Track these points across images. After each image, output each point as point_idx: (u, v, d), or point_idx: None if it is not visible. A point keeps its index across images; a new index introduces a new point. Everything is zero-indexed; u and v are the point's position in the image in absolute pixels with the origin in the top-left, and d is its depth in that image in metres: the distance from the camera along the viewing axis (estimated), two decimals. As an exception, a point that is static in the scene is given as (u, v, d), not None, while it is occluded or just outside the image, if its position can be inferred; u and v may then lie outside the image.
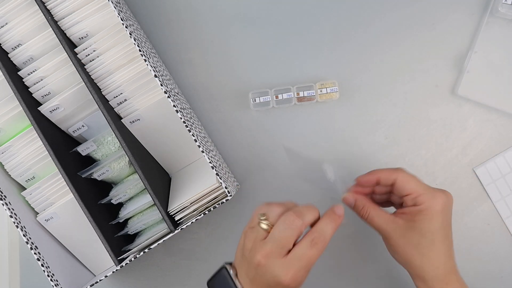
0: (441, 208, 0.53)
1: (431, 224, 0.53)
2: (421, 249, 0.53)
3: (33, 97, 0.61)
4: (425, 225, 0.53)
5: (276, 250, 0.49)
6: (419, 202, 0.53)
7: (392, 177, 0.55)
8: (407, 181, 0.54)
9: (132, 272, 0.71)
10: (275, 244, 0.49)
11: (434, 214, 0.53)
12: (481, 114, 0.68)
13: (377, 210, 0.56)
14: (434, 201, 0.53)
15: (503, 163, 0.67)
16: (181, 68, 0.71)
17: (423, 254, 0.53)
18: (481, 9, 0.68)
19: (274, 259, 0.49)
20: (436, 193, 0.54)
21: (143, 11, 0.72)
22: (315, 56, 0.70)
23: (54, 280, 0.59)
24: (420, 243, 0.53)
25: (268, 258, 0.49)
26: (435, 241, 0.53)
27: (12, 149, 0.62)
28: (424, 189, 0.54)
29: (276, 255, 0.49)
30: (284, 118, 0.70)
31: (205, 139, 0.64)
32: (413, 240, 0.53)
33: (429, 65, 0.69)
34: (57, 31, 0.59)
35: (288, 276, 0.49)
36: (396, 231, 0.54)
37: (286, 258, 0.49)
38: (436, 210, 0.53)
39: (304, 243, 0.50)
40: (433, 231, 0.53)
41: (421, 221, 0.53)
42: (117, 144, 0.63)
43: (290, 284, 0.49)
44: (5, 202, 0.59)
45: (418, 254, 0.53)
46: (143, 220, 0.63)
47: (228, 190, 0.57)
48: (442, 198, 0.53)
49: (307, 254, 0.49)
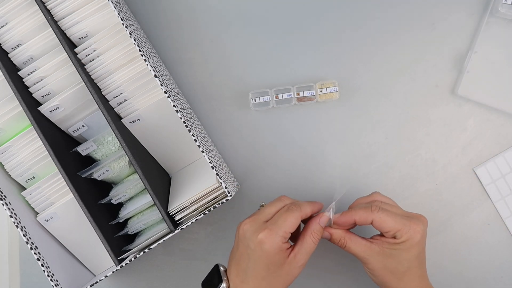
0: (419, 239, 0.55)
1: (409, 254, 0.55)
2: (397, 275, 0.56)
3: (33, 97, 0.61)
4: (403, 255, 0.55)
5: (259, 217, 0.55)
6: (398, 236, 0.55)
7: (368, 220, 0.56)
8: (383, 221, 0.55)
9: (132, 272, 0.71)
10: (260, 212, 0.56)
11: (413, 245, 0.55)
12: (481, 114, 0.68)
13: (353, 239, 0.57)
14: (413, 233, 0.55)
15: (503, 163, 0.67)
16: (181, 68, 0.71)
17: (399, 278, 0.56)
18: (481, 9, 0.68)
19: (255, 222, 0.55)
20: (413, 225, 0.55)
21: (143, 11, 0.72)
22: (315, 56, 0.70)
23: (54, 280, 0.59)
24: (397, 269, 0.56)
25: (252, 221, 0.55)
26: (411, 267, 0.56)
27: (12, 149, 0.62)
28: (401, 224, 0.55)
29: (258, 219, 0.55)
30: (284, 118, 0.70)
31: (205, 139, 0.64)
32: (390, 266, 0.56)
33: (429, 65, 0.69)
34: (57, 31, 0.59)
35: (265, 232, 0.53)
36: (374, 257, 0.56)
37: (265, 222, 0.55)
38: (414, 242, 0.55)
39: (281, 210, 0.55)
40: (410, 259, 0.55)
41: (399, 251, 0.55)
42: (117, 144, 0.63)
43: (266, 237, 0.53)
44: (5, 202, 0.59)
45: (394, 278, 0.56)
46: (143, 220, 0.63)
47: (228, 190, 0.57)
48: (419, 228, 0.55)
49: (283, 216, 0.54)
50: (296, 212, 0.55)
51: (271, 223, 0.54)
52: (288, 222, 0.54)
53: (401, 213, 0.56)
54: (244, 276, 0.54)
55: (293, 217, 0.54)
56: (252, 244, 0.53)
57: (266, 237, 0.53)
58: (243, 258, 0.55)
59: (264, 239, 0.53)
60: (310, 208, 0.56)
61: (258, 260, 0.54)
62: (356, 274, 0.69)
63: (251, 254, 0.54)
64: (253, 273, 0.54)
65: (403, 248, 0.55)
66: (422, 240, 0.55)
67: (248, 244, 0.54)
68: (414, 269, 0.56)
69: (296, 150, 0.69)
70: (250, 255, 0.54)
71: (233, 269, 0.56)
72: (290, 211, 0.54)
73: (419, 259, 0.56)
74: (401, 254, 0.55)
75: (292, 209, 0.55)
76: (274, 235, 0.53)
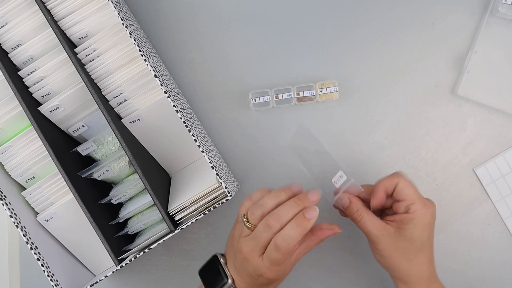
0: (431, 218, 0.56)
1: (422, 233, 0.55)
2: (409, 255, 0.56)
3: (33, 97, 0.61)
4: (415, 234, 0.55)
5: (256, 248, 0.53)
6: (411, 210, 0.55)
7: (394, 181, 0.56)
8: (407, 186, 0.56)
9: (132, 272, 0.71)
10: (256, 243, 0.53)
11: (426, 224, 0.55)
12: (481, 114, 0.68)
13: (370, 215, 0.57)
14: (426, 211, 0.55)
15: (503, 163, 0.67)
16: (181, 68, 0.71)
17: (410, 260, 0.56)
18: (481, 9, 0.68)
19: (255, 256, 0.53)
20: (427, 204, 0.56)
21: (143, 11, 0.72)
22: (315, 56, 0.70)
23: (54, 280, 0.59)
24: (409, 250, 0.55)
25: (250, 254, 0.54)
26: (423, 248, 0.56)
27: (12, 149, 0.62)
28: (418, 198, 0.56)
29: (256, 252, 0.53)
30: (284, 118, 0.70)
31: (205, 139, 0.64)
32: (402, 246, 0.55)
33: (429, 65, 0.69)
34: (57, 31, 0.59)
35: (266, 270, 0.53)
36: (386, 237, 0.56)
37: (261, 256, 0.54)
38: (427, 220, 0.55)
39: (270, 247, 0.53)
40: (423, 239, 0.55)
41: (412, 229, 0.55)
42: (117, 144, 0.63)
43: (267, 274, 0.54)
44: (5, 202, 0.59)
45: (405, 259, 0.56)
46: (143, 220, 0.63)
47: (228, 190, 0.57)
48: (432, 209, 0.56)
49: (274, 256, 0.53)
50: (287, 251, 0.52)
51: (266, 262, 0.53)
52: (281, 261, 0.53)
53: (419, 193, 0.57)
54: (248, 284, 0.56)
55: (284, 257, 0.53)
56: (254, 275, 0.54)
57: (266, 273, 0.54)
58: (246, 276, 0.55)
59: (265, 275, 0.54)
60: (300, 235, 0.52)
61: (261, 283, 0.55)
62: (356, 274, 0.69)
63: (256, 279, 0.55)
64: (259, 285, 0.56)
65: (416, 226, 0.55)
66: (433, 221, 0.56)
67: (251, 274, 0.54)
68: (426, 251, 0.56)
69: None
70: (255, 279, 0.55)
71: (236, 274, 0.56)
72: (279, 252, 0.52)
73: (430, 241, 0.56)
74: (414, 233, 0.55)
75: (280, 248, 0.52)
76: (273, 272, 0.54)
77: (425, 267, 0.56)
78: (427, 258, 0.57)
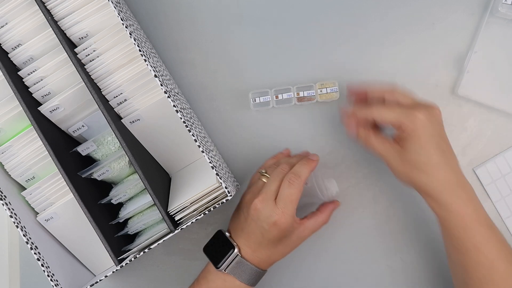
0: (420, 125, 0.54)
1: (422, 145, 0.54)
2: (421, 167, 0.55)
3: (33, 97, 0.61)
4: (416, 148, 0.55)
5: (269, 193, 0.57)
6: (401, 128, 0.55)
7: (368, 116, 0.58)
8: (382, 115, 0.57)
9: (132, 272, 0.71)
10: (269, 188, 0.58)
11: (419, 135, 0.54)
12: (481, 114, 0.68)
13: (378, 138, 0.58)
14: (414, 123, 0.54)
15: (503, 163, 0.67)
16: (181, 68, 0.71)
17: (424, 171, 0.55)
18: (481, 9, 0.68)
19: (267, 203, 0.56)
20: (414, 114, 0.54)
21: (143, 11, 0.72)
22: (315, 56, 0.70)
23: (54, 280, 0.59)
24: (418, 162, 0.55)
25: (264, 202, 0.57)
26: (431, 157, 0.54)
27: (12, 149, 0.62)
28: (402, 116, 0.55)
29: (269, 197, 0.57)
30: (284, 118, 0.70)
31: (205, 139, 0.64)
32: (410, 160, 0.55)
33: (429, 65, 0.69)
34: (57, 31, 0.59)
35: (279, 213, 0.56)
36: (395, 156, 0.56)
37: (274, 201, 0.57)
38: (419, 131, 0.54)
39: (283, 184, 0.57)
40: (426, 150, 0.54)
41: (411, 145, 0.55)
42: (117, 144, 0.63)
43: (280, 219, 0.56)
44: (5, 202, 0.59)
45: (419, 172, 0.55)
46: (143, 220, 0.63)
47: (228, 190, 0.57)
48: (421, 116, 0.54)
49: (287, 192, 0.56)
50: (299, 184, 0.57)
51: (281, 204, 0.56)
52: (294, 198, 0.56)
53: (408, 103, 0.57)
54: (256, 247, 0.58)
55: (298, 190, 0.57)
56: (266, 225, 0.56)
57: (280, 219, 0.56)
58: (255, 234, 0.58)
59: (278, 221, 0.56)
60: (308, 170, 0.59)
61: (272, 237, 0.57)
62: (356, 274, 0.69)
63: (265, 233, 0.57)
64: (267, 246, 0.58)
65: (412, 141, 0.55)
66: (427, 128, 0.54)
67: (262, 225, 0.57)
68: (436, 159, 0.54)
69: (296, 150, 0.69)
70: (264, 234, 0.57)
71: (243, 239, 0.59)
72: (293, 186, 0.57)
73: (436, 148, 0.55)
74: (415, 147, 0.54)
75: (293, 182, 0.57)
76: (286, 215, 0.56)
77: (443, 177, 0.55)
78: (444, 166, 0.55)
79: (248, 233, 0.58)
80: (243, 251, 0.58)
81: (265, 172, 0.61)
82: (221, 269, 0.58)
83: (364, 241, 0.69)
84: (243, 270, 0.58)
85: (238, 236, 0.59)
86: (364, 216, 0.69)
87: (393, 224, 0.68)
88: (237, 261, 0.58)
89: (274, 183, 0.58)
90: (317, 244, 0.69)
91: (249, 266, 0.58)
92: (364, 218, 0.69)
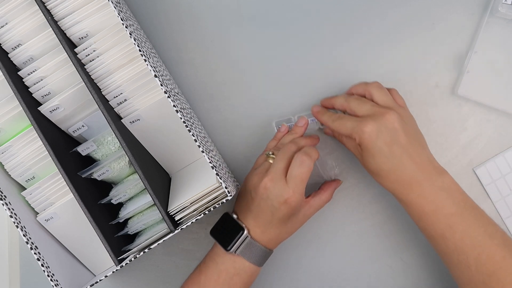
0: (369, 142, 0.56)
1: (371, 156, 0.56)
2: (375, 172, 0.58)
3: (33, 97, 0.61)
4: (367, 157, 0.57)
5: (278, 172, 0.57)
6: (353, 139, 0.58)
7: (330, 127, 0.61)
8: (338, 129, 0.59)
9: (132, 272, 0.71)
10: (278, 167, 0.58)
11: (368, 148, 0.56)
12: (481, 114, 0.68)
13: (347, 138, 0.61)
14: (361, 138, 0.56)
15: (503, 163, 0.67)
16: (181, 68, 0.71)
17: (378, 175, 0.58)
18: (481, 9, 0.68)
19: (277, 182, 0.57)
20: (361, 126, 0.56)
21: (143, 11, 0.72)
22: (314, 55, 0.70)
23: (54, 280, 0.59)
24: (370, 169, 0.58)
25: (273, 180, 0.57)
26: (382, 165, 0.56)
27: (12, 149, 0.62)
28: (351, 128, 0.57)
29: (278, 176, 0.57)
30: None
31: (205, 139, 0.64)
32: (365, 166, 0.59)
33: (429, 65, 0.69)
34: (57, 31, 0.59)
35: (290, 192, 0.56)
36: (360, 154, 0.59)
37: (285, 179, 0.57)
38: (366, 146, 0.56)
39: (294, 163, 0.57)
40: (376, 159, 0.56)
41: (363, 153, 0.57)
42: (117, 144, 0.63)
43: (291, 198, 0.56)
44: (5, 202, 0.59)
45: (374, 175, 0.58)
46: (143, 220, 0.63)
47: (228, 190, 0.57)
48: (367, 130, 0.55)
49: (298, 171, 0.57)
50: (309, 164, 0.57)
51: (291, 183, 0.56)
52: (305, 177, 0.57)
53: (364, 112, 0.57)
54: (265, 227, 0.59)
55: (308, 169, 0.57)
56: (277, 203, 0.57)
57: (290, 197, 0.56)
58: (264, 213, 0.58)
59: (289, 200, 0.56)
60: (317, 152, 0.59)
61: (282, 216, 0.58)
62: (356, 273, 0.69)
63: (275, 211, 0.57)
64: (276, 225, 0.58)
65: (364, 151, 0.57)
66: (374, 140, 0.55)
67: (272, 204, 0.57)
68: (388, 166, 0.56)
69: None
70: (274, 212, 0.57)
71: (251, 220, 0.59)
72: (304, 165, 0.57)
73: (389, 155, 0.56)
74: (366, 157, 0.57)
75: (304, 161, 0.57)
76: (297, 194, 0.57)
77: (397, 176, 0.56)
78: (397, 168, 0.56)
79: (257, 213, 0.58)
80: (252, 232, 0.59)
81: (272, 153, 0.61)
82: (231, 251, 0.58)
83: (364, 241, 0.69)
84: (252, 251, 0.58)
85: (246, 217, 0.59)
86: (364, 216, 0.69)
87: (393, 224, 0.68)
88: (247, 243, 0.58)
89: (282, 162, 0.58)
90: (317, 244, 0.69)
91: (259, 246, 0.59)
92: (364, 218, 0.69)
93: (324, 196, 0.62)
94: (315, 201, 0.62)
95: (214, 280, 0.59)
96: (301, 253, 0.69)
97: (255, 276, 0.61)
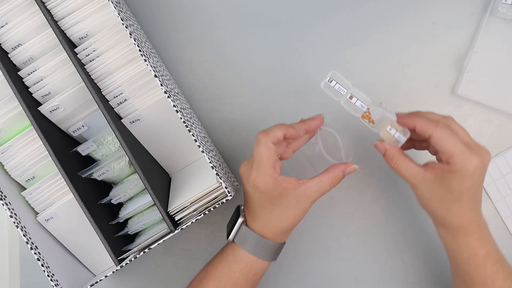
0: (472, 171, 0.52)
1: (461, 185, 0.53)
2: (447, 204, 0.54)
3: (33, 97, 0.61)
4: (454, 185, 0.53)
5: (249, 160, 0.56)
6: (451, 162, 0.52)
7: (428, 132, 0.53)
8: (442, 140, 0.53)
9: (132, 272, 0.71)
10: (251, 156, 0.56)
11: (465, 176, 0.52)
12: (481, 114, 0.68)
13: (406, 162, 0.55)
14: (468, 163, 0.52)
15: (503, 163, 0.67)
16: (181, 68, 0.71)
17: (448, 208, 0.54)
18: (481, 9, 0.68)
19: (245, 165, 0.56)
20: (471, 156, 0.52)
21: (143, 11, 0.72)
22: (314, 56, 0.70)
23: (54, 280, 0.59)
24: (446, 198, 0.54)
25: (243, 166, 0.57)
26: (461, 198, 0.53)
27: (12, 149, 0.62)
28: (460, 151, 0.52)
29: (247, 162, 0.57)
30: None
31: (205, 139, 0.64)
32: (439, 195, 0.54)
33: (429, 65, 0.69)
34: (57, 31, 0.59)
35: (253, 173, 0.55)
36: (423, 183, 0.54)
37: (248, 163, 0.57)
38: (467, 173, 0.52)
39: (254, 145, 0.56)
40: (462, 190, 0.53)
41: (450, 180, 0.52)
42: (117, 144, 0.63)
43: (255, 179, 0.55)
44: (5, 202, 0.59)
45: (443, 207, 0.54)
46: (143, 220, 0.63)
47: (228, 190, 0.57)
48: (475, 160, 0.52)
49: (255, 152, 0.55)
50: (265, 141, 0.54)
51: (254, 164, 0.55)
52: (263, 156, 0.54)
53: (466, 141, 0.54)
54: (254, 214, 0.58)
55: (264, 147, 0.54)
56: (248, 187, 0.56)
57: (255, 179, 0.55)
58: (248, 199, 0.58)
59: (255, 182, 0.55)
60: (280, 130, 0.55)
61: (260, 199, 0.56)
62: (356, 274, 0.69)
63: (252, 195, 0.57)
64: (261, 211, 0.57)
65: (455, 178, 0.52)
66: (477, 173, 0.52)
67: (247, 189, 0.57)
68: (465, 202, 0.53)
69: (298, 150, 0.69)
70: (251, 196, 0.57)
71: (246, 208, 0.59)
72: (258, 143, 0.55)
73: (472, 191, 0.53)
74: (453, 184, 0.52)
75: (259, 140, 0.55)
76: (261, 174, 0.54)
77: (464, 215, 0.54)
78: (468, 208, 0.54)
79: (246, 201, 0.59)
80: (248, 220, 0.59)
81: None
82: (229, 239, 0.59)
83: (364, 241, 0.69)
84: (247, 239, 0.58)
85: (245, 207, 0.60)
86: (364, 216, 0.69)
87: (393, 224, 0.68)
88: (243, 231, 0.58)
89: (255, 148, 0.56)
90: (317, 244, 0.69)
91: (251, 233, 0.58)
92: (364, 218, 0.69)
93: (325, 178, 0.56)
94: (313, 181, 0.56)
95: (216, 267, 0.60)
96: (300, 253, 0.69)
97: (256, 269, 0.59)
